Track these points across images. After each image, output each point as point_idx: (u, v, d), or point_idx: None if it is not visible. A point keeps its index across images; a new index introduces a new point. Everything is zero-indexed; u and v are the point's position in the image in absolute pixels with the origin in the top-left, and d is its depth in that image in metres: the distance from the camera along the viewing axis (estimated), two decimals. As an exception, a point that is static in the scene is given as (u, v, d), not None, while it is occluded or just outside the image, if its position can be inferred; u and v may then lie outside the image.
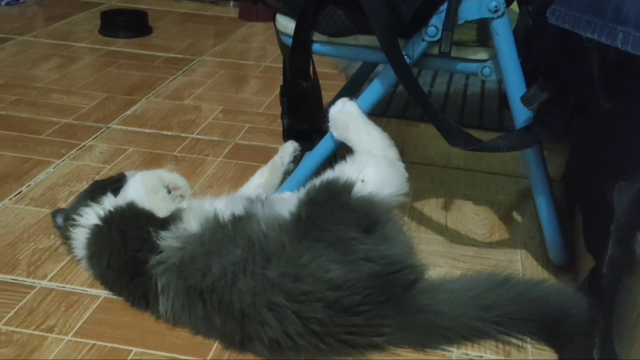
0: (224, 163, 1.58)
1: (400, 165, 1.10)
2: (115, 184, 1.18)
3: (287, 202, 1.06)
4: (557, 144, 1.51)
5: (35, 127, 1.72)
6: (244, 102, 1.96)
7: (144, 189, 1.13)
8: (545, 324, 1.00)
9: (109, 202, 1.12)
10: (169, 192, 1.17)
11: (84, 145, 1.63)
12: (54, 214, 1.21)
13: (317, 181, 1.06)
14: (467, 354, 1.01)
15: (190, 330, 1.02)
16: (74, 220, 1.12)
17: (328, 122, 1.16)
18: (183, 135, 1.72)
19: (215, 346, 0.99)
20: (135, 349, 0.98)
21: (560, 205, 1.30)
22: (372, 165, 1.06)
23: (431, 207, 1.43)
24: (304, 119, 1.26)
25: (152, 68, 2.22)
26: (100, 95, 1.96)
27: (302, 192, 1.05)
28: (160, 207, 1.11)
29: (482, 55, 1.13)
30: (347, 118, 1.14)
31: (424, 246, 1.28)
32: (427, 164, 1.61)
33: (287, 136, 1.32)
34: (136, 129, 1.74)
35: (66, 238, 1.15)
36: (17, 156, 1.56)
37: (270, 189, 1.28)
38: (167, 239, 1.04)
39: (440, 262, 1.23)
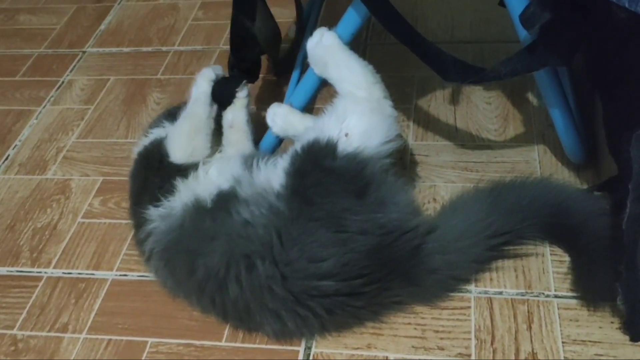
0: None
1: (387, 105, 0.96)
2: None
3: (274, 172, 0.95)
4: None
5: (8, 65, 1.61)
6: (224, -12, 1.78)
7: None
8: (547, 223, 0.97)
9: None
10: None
11: (62, 82, 1.53)
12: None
13: (298, 146, 0.94)
14: (486, 292, 0.98)
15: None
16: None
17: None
18: (164, 49, 1.58)
19: (228, 327, 0.97)
20: (150, 340, 0.97)
21: (578, 79, 1.18)
22: (355, 113, 0.93)
23: (438, 103, 1.32)
24: (246, 60, 1.14)
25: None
26: (69, 7, 1.80)
27: (287, 161, 0.94)
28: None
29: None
30: (325, 53, 0.99)
31: (433, 157, 1.20)
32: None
33: (230, 69, 1.16)
34: (114, 50, 1.61)
35: None
36: (-3, 109, 1.48)
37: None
38: (154, 216, 0.99)
39: (452, 175, 1.16)
